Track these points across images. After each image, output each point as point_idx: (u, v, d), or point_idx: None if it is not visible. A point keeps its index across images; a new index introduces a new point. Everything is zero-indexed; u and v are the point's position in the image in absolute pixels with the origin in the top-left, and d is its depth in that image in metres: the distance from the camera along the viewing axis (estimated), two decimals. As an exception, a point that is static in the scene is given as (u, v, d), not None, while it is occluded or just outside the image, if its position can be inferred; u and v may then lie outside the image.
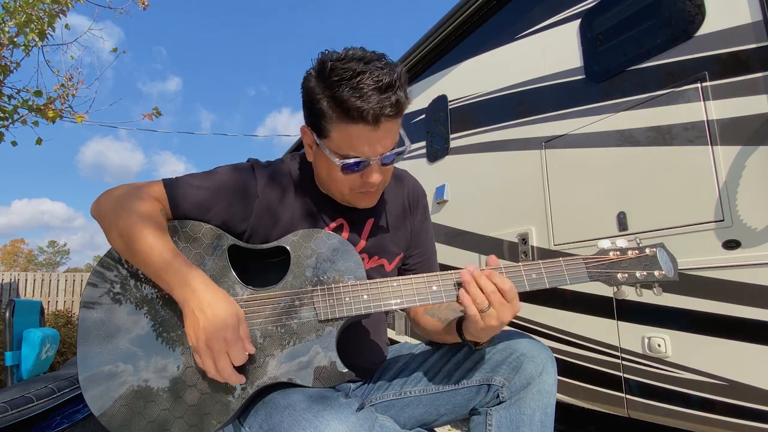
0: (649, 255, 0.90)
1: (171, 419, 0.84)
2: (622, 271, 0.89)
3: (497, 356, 0.98)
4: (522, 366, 0.94)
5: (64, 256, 42.92)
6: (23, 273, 8.79)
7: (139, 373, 0.86)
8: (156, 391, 0.85)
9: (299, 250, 0.93)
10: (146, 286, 0.92)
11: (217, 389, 0.85)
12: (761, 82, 1.69)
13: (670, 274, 0.88)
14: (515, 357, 0.96)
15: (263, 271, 0.97)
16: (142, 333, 0.89)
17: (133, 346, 0.88)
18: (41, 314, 2.89)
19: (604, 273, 0.89)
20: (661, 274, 0.88)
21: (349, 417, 0.73)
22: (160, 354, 0.87)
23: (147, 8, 4.83)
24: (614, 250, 0.91)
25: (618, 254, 0.90)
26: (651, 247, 0.90)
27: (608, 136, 2.22)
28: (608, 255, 0.91)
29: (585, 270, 0.89)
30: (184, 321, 0.83)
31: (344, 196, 0.99)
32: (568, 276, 0.89)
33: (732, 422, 1.70)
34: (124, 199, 0.91)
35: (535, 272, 0.89)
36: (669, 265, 0.89)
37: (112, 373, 0.86)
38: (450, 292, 0.89)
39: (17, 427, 1.65)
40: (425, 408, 1.03)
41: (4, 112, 4.28)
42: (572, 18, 2.49)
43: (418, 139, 3.82)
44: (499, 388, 0.95)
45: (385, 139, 0.88)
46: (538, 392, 0.93)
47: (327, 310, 0.88)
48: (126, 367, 0.87)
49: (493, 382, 0.96)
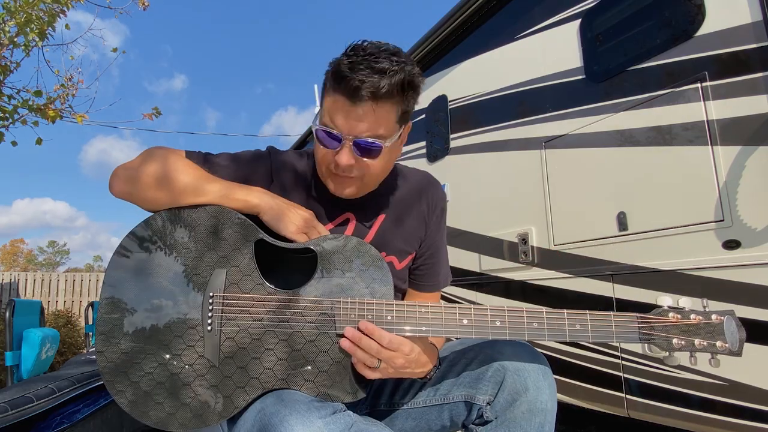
0: (715, 323, 0.79)
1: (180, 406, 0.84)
2: (680, 336, 0.80)
3: (478, 368, 0.92)
4: (505, 380, 0.88)
5: (63, 256, 42.96)
6: (23, 273, 8.79)
7: (154, 357, 0.86)
8: (169, 376, 0.85)
9: (328, 256, 0.90)
10: (163, 276, 0.91)
11: (226, 385, 0.84)
12: (761, 82, 1.68)
13: (734, 348, 0.78)
14: (497, 370, 0.89)
15: (284, 269, 0.95)
16: (156, 323, 0.88)
17: (150, 332, 0.88)
18: (41, 314, 2.89)
19: (658, 336, 0.80)
20: (724, 346, 0.78)
21: (315, 422, 0.70)
22: (177, 340, 0.87)
23: (147, 8, 4.83)
24: (676, 311, 0.82)
25: (678, 317, 0.81)
26: (719, 314, 0.80)
27: (608, 136, 2.22)
28: (667, 316, 0.81)
29: (637, 330, 0.81)
30: (274, 221, 0.91)
31: (323, 176, 0.99)
32: (616, 333, 0.81)
33: (732, 422, 1.70)
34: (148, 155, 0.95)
35: (580, 323, 0.81)
36: (735, 337, 0.78)
37: (129, 354, 0.87)
38: (481, 329, 0.82)
39: (17, 427, 1.65)
40: (415, 422, 1.00)
41: (4, 112, 4.28)
42: (572, 18, 2.49)
43: (418, 139, 3.82)
44: (483, 407, 0.90)
45: (361, 120, 0.87)
46: (529, 411, 0.86)
47: (347, 325, 0.85)
48: (142, 351, 0.87)
49: (475, 401, 0.91)
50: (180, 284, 0.90)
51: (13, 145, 4.50)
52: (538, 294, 2.58)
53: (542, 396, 0.86)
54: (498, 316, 0.83)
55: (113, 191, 0.96)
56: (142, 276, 0.90)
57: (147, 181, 0.92)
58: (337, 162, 0.91)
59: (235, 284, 0.89)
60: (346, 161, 0.90)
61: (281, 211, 0.92)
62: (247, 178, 0.99)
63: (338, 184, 0.97)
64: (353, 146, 0.89)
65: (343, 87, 0.85)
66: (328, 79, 0.91)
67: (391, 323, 0.84)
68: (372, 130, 0.88)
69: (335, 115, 0.89)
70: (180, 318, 0.88)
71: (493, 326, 0.82)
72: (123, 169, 0.96)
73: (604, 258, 2.20)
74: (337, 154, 0.91)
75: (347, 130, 0.88)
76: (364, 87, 0.84)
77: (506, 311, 0.83)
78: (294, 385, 0.84)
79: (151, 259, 0.91)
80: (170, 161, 0.93)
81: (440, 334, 0.84)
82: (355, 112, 0.86)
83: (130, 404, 0.85)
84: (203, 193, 0.92)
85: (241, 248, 0.91)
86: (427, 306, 0.85)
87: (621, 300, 2.10)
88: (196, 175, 0.93)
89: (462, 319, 0.83)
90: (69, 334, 6.25)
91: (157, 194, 0.92)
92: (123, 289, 0.90)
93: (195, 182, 0.92)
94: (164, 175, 0.91)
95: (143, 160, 0.94)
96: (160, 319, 0.88)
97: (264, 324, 0.86)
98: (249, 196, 0.93)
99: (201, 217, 0.93)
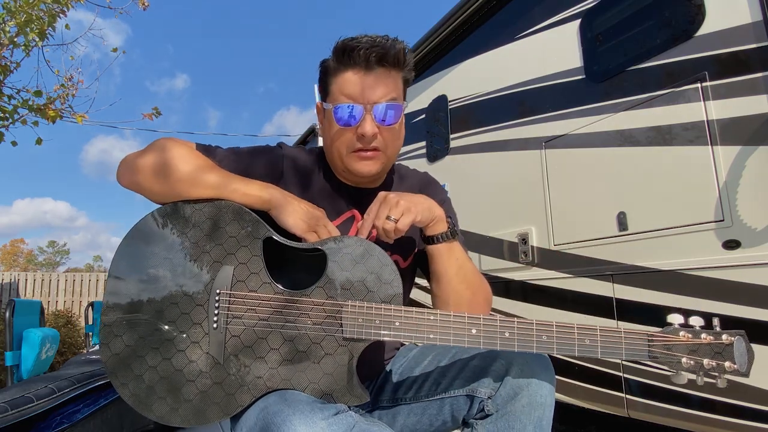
0: (725, 343, 0.79)
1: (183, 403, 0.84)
2: (689, 356, 0.80)
3: (481, 363, 0.93)
4: (507, 375, 0.88)
5: (63, 256, 42.96)
6: (23, 273, 8.79)
7: (160, 354, 0.86)
8: (173, 371, 0.85)
9: (337, 257, 0.88)
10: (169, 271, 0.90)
11: (230, 383, 0.84)
12: (761, 82, 1.69)
13: (743, 369, 0.78)
14: (499, 365, 0.90)
15: (291, 268, 0.94)
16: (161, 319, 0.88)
17: (155, 327, 0.88)
18: (41, 314, 2.90)
19: (667, 355, 0.80)
20: (732, 367, 0.78)
21: (317, 422, 0.70)
22: (182, 339, 0.87)
23: (147, 8, 4.83)
24: (686, 329, 0.81)
25: (689, 336, 0.81)
26: (730, 334, 0.80)
27: (608, 136, 2.22)
28: (678, 335, 0.81)
29: (647, 348, 0.81)
30: (279, 216, 0.90)
31: (343, 160, 0.99)
32: (626, 350, 0.80)
33: (732, 422, 1.70)
34: (154, 145, 0.94)
35: (590, 338, 0.81)
36: (744, 359, 0.78)
37: (133, 347, 0.87)
38: (490, 340, 0.82)
39: (17, 427, 1.65)
40: (417, 417, 1.00)
41: (4, 112, 4.28)
42: (572, 18, 2.49)
43: (418, 139, 3.82)
44: (484, 400, 0.90)
45: (376, 85, 0.92)
46: (529, 405, 0.86)
47: (354, 329, 0.84)
48: (146, 345, 0.86)
49: (477, 393, 0.91)
50: (186, 279, 0.89)
51: (13, 145, 4.50)
52: (538, 294, 2.58)
53: (543, 390, 0.87)
54: (507, 328, 0.82)
55: (121, 182, 0.95)
56: (148, 269, 0.90)
57: (147, 170, 0.90)
58: (361, 133, 0.93)
59: (242, 282, 0.88)
60: (370, 130, 0.93)
61: (291, 208, 0.91)
62: (254, 172, 0.98)
63: (362, 161, 0.97)
64: (374, 112, 0.93)
65: (352, 60, 0.91)
66: (330, 63, 0.95)
67: (398, 329, 0.83)
68: (388, 94, 0.93)
69: (349, 89, 0.93)
70: (185, 313, 0.87)
71: (501, 337, 0.82)
72: (129, 158, 0.95)
73: (604, 258, 2.20)
74: (359, 127, 0.93)
75: (365, 99, 0.92)
76: (373, 53, 0.90)
77: (516, 323, 0.82)
78: (298, 387, 0.83)
79: (157, 252, 0.90)
80: (173, 151, 0.91)
81: (449, 342, 0.83)
82: (369, 79, 0.92)
83: (133, 397, 0.85)
84: (201, 184, 0.89)
85: (249, 245, 0.90)
86: (435, 313, 0.84)
87: (621, 300, 2.10)
88: (197, 164, 0.91)
89: (471, 329, 0.82)
90: (69, 334, 6.25)
91: (156, 183, 0.91)
92: (128, 282, 0.89)
93: (194, 172, 0.90)
94: (164, 164, 0.90)
95: (149, 149, 0.94)
96: (165, 314, 0.88)
97: (270, 323, 0.86)
98: (256, 190, 0.91)
99: (209, 212, 0.91)
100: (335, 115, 0.94)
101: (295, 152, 1.06)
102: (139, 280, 0.89)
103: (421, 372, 1.02)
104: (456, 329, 0.82)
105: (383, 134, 0.96)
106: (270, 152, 1.03)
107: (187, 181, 0.89)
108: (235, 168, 0.97)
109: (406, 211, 0.90)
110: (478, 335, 0.82)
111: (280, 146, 1.06)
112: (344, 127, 0.95)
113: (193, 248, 0.90)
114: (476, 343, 0.82)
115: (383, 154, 0.98)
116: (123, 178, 0.95)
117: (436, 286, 1.01)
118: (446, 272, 0.98)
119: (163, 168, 0.90)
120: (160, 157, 0.91)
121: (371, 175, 1.00)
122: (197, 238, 0.90)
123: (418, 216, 0.92)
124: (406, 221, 0.90)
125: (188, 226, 0.91)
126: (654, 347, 0.80)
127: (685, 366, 0.80)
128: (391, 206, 0.90)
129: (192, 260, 0.90)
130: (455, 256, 0.98)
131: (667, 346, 0.80)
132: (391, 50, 0.92)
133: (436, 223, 0.96)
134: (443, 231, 0.97)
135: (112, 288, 0.89)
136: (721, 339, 0.80)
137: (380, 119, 0.93)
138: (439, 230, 0.96)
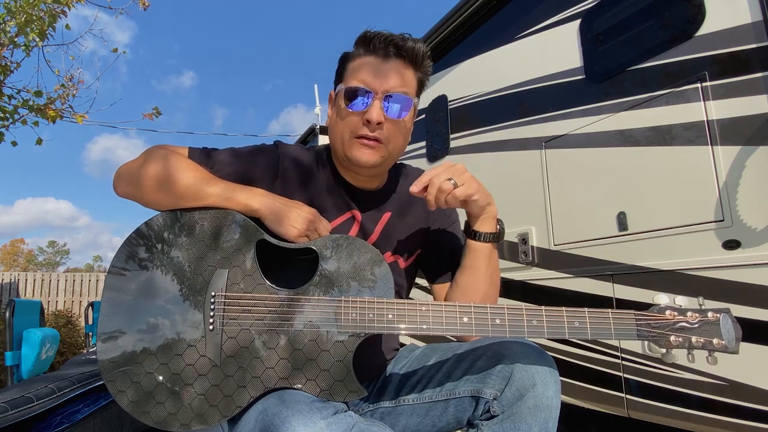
0: (711, 320, 0.81)
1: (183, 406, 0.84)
2: (677, 333, 0.81)
3: (486, 364, 0.92)
4: (513, 376, 0.88)
5: (63, 256, 42.97)
6: (23, 273, 8.79)
7: (156, 358, 0.86)
8: (170, 375, 0.85)
9: (329, 256, 0.90)
10: (168, 273, 0.91)
11: (228, 385, 0.85)
12: (761, 82, 1.69)
13: (731, 345, 0.79)
14: (505, 366, 0.90)
15: (285, 269, 0.95)
16: (160, 321, 0.88)
17: (152, 329, 0.88)
18: (41, 314, 2.89)
19: (655, 333, 0.82)
20: (721, 343, 0.79)
21: (317, 422, 0.70)
22: (179, 342, 0.87)
23: (147, 8, 4.83)
24: (672, 309, 0.84)
25: (675, 314, 0.83)
26: (715, 311, 0.82)
27: (608, 136, 2.22)
28: (664, 314, 0.83)
29: (635, 327, 0.82)
30: (273, 224, 0.91)
31: (344, 146, 0.98)
32: (614, 330, 0.82)
33: (732, 422, 1.70)
34: (149, 156, 0.94)
35: (579, 321, 0.83)
36: (731, 335, 0.79)
37: (130, 354, 0.87)
38: (481, 327, 0.83)
39: (17, 427, 1.65)
40: (420, 418, 0.99)
41: (5, 112, 4.28)
42: (572, 18, 2.49)
43: (418, 139, 3.82)
44: (490, 401, 0.90)
45: (390, 75, 0.94)
46: (535, 407, 0.86)
47: (349, 324, 0.85)
48: (143, 351, 0.87)
49: (482, 394, 0.91)
50: (182, 284, 0.90)
51: (13, 145, 4.51)
52: (538, 294, 2.58)
53: (549, 392, 0.87)
54: (498, 315, 0.84)
55: (117, 192, 0.96)
56: (144, 275, 0.90)
57: (149, 183, 0.92)
58: (367, 119, 0.93)
59: (237, 284, 0.89)
60: (376, 116, 0.93)
61: (282, 215, 0.91)
62: (250, 173, 0.99)
63: (363, 149, 0.97)
64: (383, 102, 0.93)
65: (372, 47, 0.95)
66: (350, 53, 0.99)
67: (391, 321, 0.85)
68: (400, 86, 0.95)
69: (364, 73, 0.94)
70: (182, 317, 0.88)
71: (493, 324, 0.83)
72: (125, 170, 0.96)
73: (604, 258, 2.20)
74: (366, 112, 0.93)
75: (377, 86, 0.93)
76: (392, 43, 0.94)
77: (506, 310, 0.84)
78: (296, 384, 0.84)
79: (154, 258, 0.91)
80: (171, 163, 0.92)
81: (441, 332, 0.84)
82: (385, 67, 0.94)
83: (131, 404, 0.85)
84: (204, 196, 0.91)
85: (242, 248, 0.91)
86: (427, 304, 0.85)
87: (621, 300, 2.10)
88: (198, 177, 0.92)
89: (462, 317, 0.84)
90: (69, 334, 6.25)
91: (158, 197, 0.92)
92: (125, 288, 0.90)
93: (196, 185, 0.91)
94: (165, 178, 0.91)
95: (145, 160, 0.94)
96: (161, 319, 0.88)
97: (266, 323, 0.86)
98: (250, 200, 0.92)
99: (203, 218, 0.93)
100: (345, 95, 0.95)
101: (294, 150, 1.06)
102: (136, 287, 0.90)
103: (424, 373, 1.02)
104: (448, 319, 0.84)
105: (389, 126, 0.96)
106: (267, 151, 1.03)
107: (191, 194, 0.91)
108: (234, 170, 0.97)
109: (468, 183, 0.92)
110: (469, 323, 0.84)
111: (277, 145, 1.06)
112: (352, 110, 0.95)
113: (188, 253, 0.91)
114: (468, 331, 0.84)
115: (384, 147, 0.97)
116: (120, 189, 0.96)
117: (462, 276, 1.04)
118: (479, 269, 1.01)
119: (165, 182, 0.91)
120: (161, 171, 0.91)
121: (369, 165, 0.98)
122: (192, 243, 0.92)
123: (477, 195, 0.94)
124: (465, 191, 0.92)
125: (183, 232, 0.93)
126: (641, 326, 0.83)
127: (674, 343, 0.82)
128: (458, 172, 0.92)
129: (187, 265, 0.91)
130: (493, 257, 1.01)
131: (654, 325, 0.83)
132: (410, 45, 0.95)
133: (487, 217, 0.98)
134: (492, 232, 1.00)
135: (108, 297, 0.90)
136: (707, 316, 0.82)
137: (388, 109, 0.94)
138: (488, 229, 0.99)
